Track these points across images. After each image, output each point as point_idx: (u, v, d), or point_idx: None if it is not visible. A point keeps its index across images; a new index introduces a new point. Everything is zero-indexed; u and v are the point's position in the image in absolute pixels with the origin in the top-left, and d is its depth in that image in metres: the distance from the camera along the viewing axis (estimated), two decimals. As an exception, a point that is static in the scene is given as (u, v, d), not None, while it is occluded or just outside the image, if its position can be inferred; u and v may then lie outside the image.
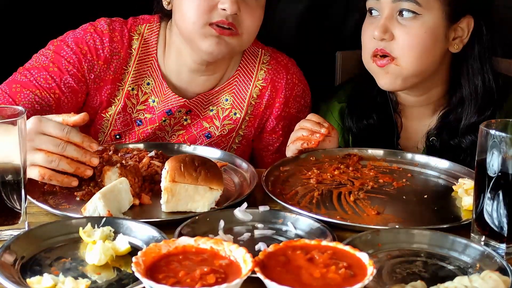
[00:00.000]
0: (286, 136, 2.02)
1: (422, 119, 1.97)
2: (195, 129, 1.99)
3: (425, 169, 1.75)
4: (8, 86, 1.84)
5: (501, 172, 1.27)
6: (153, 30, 1.95)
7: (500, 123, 1.32)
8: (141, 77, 1.94)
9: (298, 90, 2.02)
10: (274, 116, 2.01)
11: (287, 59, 2.03)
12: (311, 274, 1.11)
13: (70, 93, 1.87)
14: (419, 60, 1.78)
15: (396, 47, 1.77)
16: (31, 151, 1.49)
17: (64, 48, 1.87)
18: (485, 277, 1.15)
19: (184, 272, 1.10)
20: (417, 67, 1.79)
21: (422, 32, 1.76)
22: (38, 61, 1.87)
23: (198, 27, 1.76)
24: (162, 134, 1.99)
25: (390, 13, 1.77)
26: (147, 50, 1.93)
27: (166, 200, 1.47)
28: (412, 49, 1.77)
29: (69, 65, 1.86)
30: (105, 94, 1.92)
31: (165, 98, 1.94)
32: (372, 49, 1.81)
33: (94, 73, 1.89)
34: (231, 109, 1.98)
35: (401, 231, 1.36)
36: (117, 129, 1.97)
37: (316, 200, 1.56)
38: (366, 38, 1.84)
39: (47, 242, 1.32)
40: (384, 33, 1.76)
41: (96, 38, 1.88)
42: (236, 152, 2.02)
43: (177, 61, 1.92)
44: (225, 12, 1.74)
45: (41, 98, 1.83)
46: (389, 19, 1.77)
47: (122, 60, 1.91)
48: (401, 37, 1.76)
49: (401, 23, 1.77)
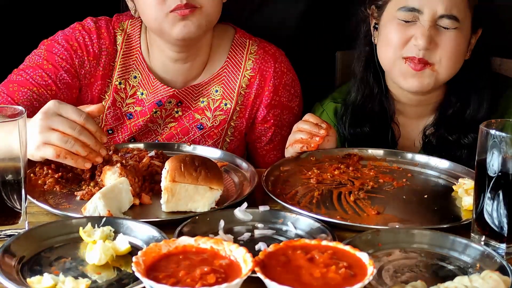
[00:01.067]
0: (278, 126, 2.05)
1: (420, 118, 1.98)
2: (187, 121, 2.01)
3: (425, 169, 1.75)
4: (5, 87, 1.87)
5: (501, 172, 1.27)
6: (135, 25, 2.00)
7: (500, 123, 1.32)
8: (127, 71, 1.98)
9: (287, 78, 2.03)
10: (264, 105, 2.02)
11: (275, 49, 2.04)
12: (311, 274, 1.11)
13: (66, 88, 1.92)
14: (454, 66, 1.84)
15: (437, 55, 1.80)
16: (46, 131, 1.51)
17: (56, 45, 1.93)
18: (485, 277, 1.15)
19: (184, 272, 1.10)
20: (450, 73, 1.84)
21: (461, 41, 1.82)
22: (32, 61, 1.92)
23: (160, 19, 1.81)
24: (154, 126, 2.01)
25: (433, 22, 1.79)
26: (130, 45, 1.99)
27: (166, 200, 1.47)
28: (451, 57, 1.81)
29: (62, 61, 1.91)
30: (95, 90, 1.97)
31: (154, 90, 1.98)
32: (407, 54, 1.81)
33: (85, 69, 1.94)
34: (221, 99, 2.00)
35: (401, 231, 1.36)
36: (109, 124, 2.00)
37: (316, 200, 1.56)
38: (398, 41, 1.83)
39: (47, 242, 1.32)
40: (430, 43, 1.78)
41: (84, 35, 1.94)
42: (230, 145, 2.04)
43: (158, 53, 1.97)
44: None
45: (38, 95, 1.86)
46: (432, 28, 1.79)
47: (110, 56, 1.96)
48: (444, 45, 1.79)
49: (443, 32, 1.80)
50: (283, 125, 2.06)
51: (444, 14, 1.78)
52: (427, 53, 1.79)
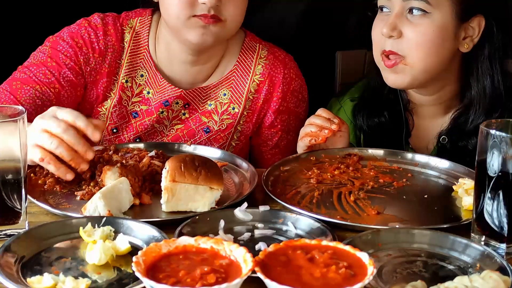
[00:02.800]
0: (285, 131, 2.04)
1: (434, 118, 1.96)
2: (194, 124, 2.00)
3: (425, 169, 1.75)
4: (8, 84, 1.87)
5: (501, 172, 1.27)
6: (144, 23, 1.98)
7: (500, 123, 1.32)
8: (134, 69, 1.97)
9: (295, 84, 2.03)
10: (272, 110, 2.02)
11: (285, 54, 2.04)
12: (312, 274, 1.10)
13: (69, 86, 1.90)
14: (428, 58, 1.78)
15: (405, 46, 1.77)
16: (38, 132, 1.51)
17: (60, 42, 1.91)
18: (486, 277, 1.15)
19: (185, 271, 1.10)
20: (425, 65, 1.78)
21: (431, 30, 1.76)
22: (36, 58, 1.91)
23: (182, 20, 1.80)
24: (160, 127, 2.00)
25: (400, 11, 1.77)
26: (138, 43, 1.97)
27: (166, 199, 1.47)
28: (420, 47, 1.76)
29: (66, 59, 1.89)
30: (101, 88, 1.95)
31: (161, 89, 1.96)
32: (382, 48, 1.81)
33: (90, 66, 1.92)
34: (229, 103, 1.99)
35: (401, 231, 1.36)
36: (114, 122, 1.99)
37: (316, 200, 1.56)
38: (376, 35, 1.84)
39: (47, 242, 1.32)
40: (393, 30, 1.76)
41: (90, 31, 1.92)
42: (235, 149, 2.04)
43: (167, 53, 1.96)
44: (205, 5, 1.77)
45: (41, 93, 1.86)
46: (399, 17, 1.77)
47: (116, 53, 1.94)
48: (409, 35, 1.76)
49: (410, 20, 1.76)
50: (290, 130, 2.05)
51: None
52: (394, 44, 1.77)
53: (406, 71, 1.79)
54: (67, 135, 1.50)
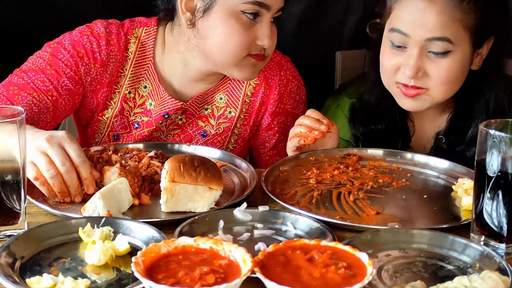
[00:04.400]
0: (282, 133, 2.03)
1: (431, 119, 1.95)
2: (191, 129, 1.99)
3: (425, 169, 1.75)
4: (5, 88, 1.82)
5: (501, 172, 1.27)
6: (150, 33, 1.93)
7: (499, 123, 1.32)
8: (138, 80, 1.94)
9: (292, 86, 2.02)
10: (269, 113, 2.01)
11: (280, 56, 2.03)
12: (311, 274, 1.11)
13: (67, 95, 1.87)
14: (451, 89, 1.80)
15: (429, 82, 1.76)
16: (39, 152, 1.49)
17: (61, 50, 1.86)
18: (485, 277, 1.15)
19: (184, 272, 1.10)
20: (447, 95, 1.81)
21: (455, 66, 1.75)
22: (35, 63, 1.86)
23: (238, 59, 1.79)
24: (157, 134, 1.99)
25: (421, 51, 1.74)
26: (144, 54, 1.93)
27: (165, 200, 1.47)
28: (444, 82, 1.77)
29: (66, 68, 1.85)
30: (101, 97, 1.92)
31: (162, 102, 1.94)
32: (397, 80, 1.79)
33: (91, 76, 1.88)
34: (225, 107, 1.99)
35: (400, 231, 1.36)
36: (115, 131, 1.98)
37: (316, 200, 1.56)
38: (388, 68, 1.81)
39: (46, 242, 1.32)
40: (417, 73, 1.75)
41: (93, 41, 1.87)
42: (233, 152, 2.01)
43: (180, 68, 1.92)
44: (262, 46, 1.79)
45: (38, 100, 1.82)
46: (420, 57, 1.74)
47: (118, 63, 1.90)
48: (433, 73, 1.75)
49: (433, 59, 1.74)
50: (287, 131, 2.03)
51: (432, 37, 1.71)
52: (418, 81, 1.76)
53: (427, 100, 1.80)
54: (66, 176, 1.50)
